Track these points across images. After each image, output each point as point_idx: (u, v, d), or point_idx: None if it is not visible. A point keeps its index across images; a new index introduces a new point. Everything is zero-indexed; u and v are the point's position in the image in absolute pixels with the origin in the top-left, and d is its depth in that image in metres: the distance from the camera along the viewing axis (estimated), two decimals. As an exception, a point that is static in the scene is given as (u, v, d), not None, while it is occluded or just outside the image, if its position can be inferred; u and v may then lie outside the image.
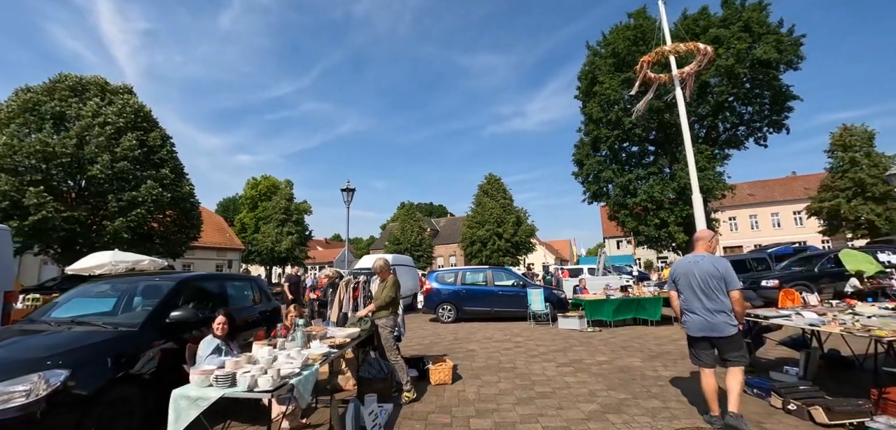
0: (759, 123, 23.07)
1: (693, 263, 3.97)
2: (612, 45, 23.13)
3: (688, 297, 3.93)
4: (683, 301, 4.01)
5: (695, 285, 3.86)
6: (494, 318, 12.00)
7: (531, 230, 38.48)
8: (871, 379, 5.05)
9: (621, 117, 22.54)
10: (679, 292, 4.07)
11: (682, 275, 4.02)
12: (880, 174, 26.48)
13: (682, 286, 4.01)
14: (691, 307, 3.89)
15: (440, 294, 12.25)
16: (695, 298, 3.86)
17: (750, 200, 46.56)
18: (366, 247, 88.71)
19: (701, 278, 3.84)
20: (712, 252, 4.09)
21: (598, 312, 10.32)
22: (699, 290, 3.84)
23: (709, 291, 3.79)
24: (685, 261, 4.10)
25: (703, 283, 3.82)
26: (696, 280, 3.86)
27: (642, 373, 5.88)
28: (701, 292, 3.83)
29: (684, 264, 4.06)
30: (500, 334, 9.78)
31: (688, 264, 4.01)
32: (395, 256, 17.43)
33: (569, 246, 72.61)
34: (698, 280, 3.85)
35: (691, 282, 3.89)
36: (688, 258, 4.10)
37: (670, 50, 10.62)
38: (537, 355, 7.33)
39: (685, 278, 3.97)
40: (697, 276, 3.86)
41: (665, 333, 9.22)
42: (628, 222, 24.12)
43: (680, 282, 4.04)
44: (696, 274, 3.87)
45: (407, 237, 45.79)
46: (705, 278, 3.82)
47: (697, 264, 3.93)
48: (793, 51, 20.50)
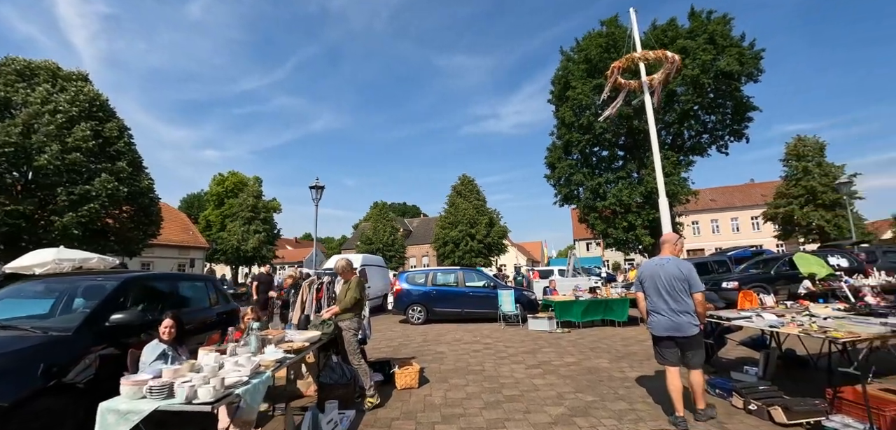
0: (721, 132, 24.01)
1: (659, 265, 4.06)
2: (585, 52, 23.57)
3: (654, 298, 4.03)
4: (649, 302, 4.10)
5: (661, 286, 3.96)
6: (465, 319, 11.91)
7: (503, 232, 38.75)
8: (824, 378, 5.23)
9: (593, 122, 22.96)
10: (645, 294, 4.16)
11: (648, 277, 4.11)
12: (830, 183, 28.15)
13: (648, 288, 4.11)
14: (657, 308, 4.00)
15: (410, 295, 12.06)
16: (660, 299, 3.96)
17: (711, 206, 48.57)
18: (337, 246, 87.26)
19: (667, 281, 3.94)
20: (677, 255, 4.18)
21: (568, 313, 10.40)
22: (665, 292, 3.94)
23: (674, 293, 3.89)
24: (651, 264, 4.17)
25: (669, 285, 3.92)
26: (662, 282, 3.95)
27: (610, 374, 5.90)
28: (666, 293, 3.93)
29: (651, 267, 4.14)
30: (470, 335, 9.68)
31: (654, 267, 4.09)
32: (365, 256, 17.10)
33: (540, 247, 73.84)
34: (664, 282, 3.94)
35: (657, 284, 3.99)
36: (654, 261, 4.18)
37: (640, 57, 10.83)
38: (506, 356, 7.26)
39: (651, 280, 4.06)
40: (663, 278, 3.95)
41: (631, 333, 9.36)
42: (598, 225, 24.61)
43: (646, 284, 4.13)
44: (661, 277, 3.97)
45: (379, 237, 45.26)
46: (671, 281, 3.93)
47: (663, 266, 4.02)
48: (753, 64, 21.43)
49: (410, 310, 11.94)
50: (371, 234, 46.63)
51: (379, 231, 46.06)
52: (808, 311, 4.94)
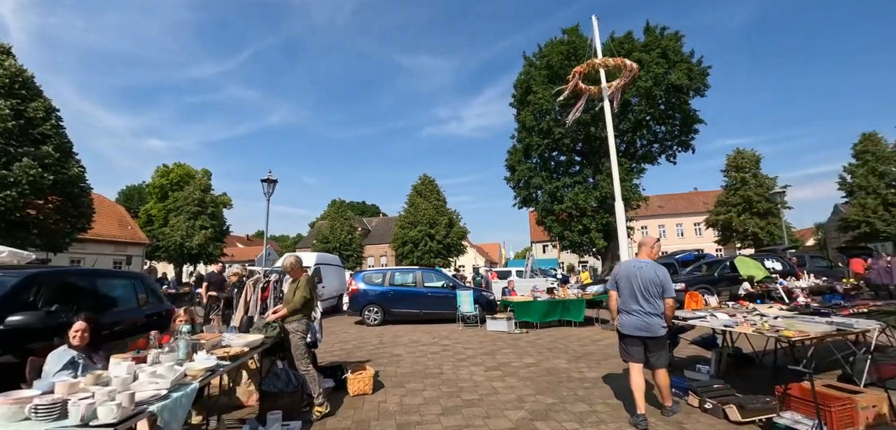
0: (670, 142, 25.20)
1: (636, 268, 4.12)
2: (547, 58, 23.98)
3: (627, 298, 4.10)
4: (622, 301, 4.16)
5: (636, 288, 4.03)
6: (423, 320, 11.64)
7: (463, 232, 38.84)
8: (770, 375, 5.43)
9: (552, 127, 23.43)
10: (619, 293, 4.21)
11: (624, 277, 4.17)
12: (764, 193, 30.41)
13: (622, 288, 4.16)
14: (629, 308, 4.07)
15: (367, 295, 11.64)
16: (633, 300, 4.04)
17: (659, 212, 51.20)
18: (292, 244, 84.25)
19: (643, 283, 4.02)
20: (654, 258, 4.28)
21: (526, 313, 10.38)
22: (639, 293, 4.02)
23: (648, 295, 3.99)
24: (629, 265, 4.24)
25: (644, 288, 4.01)
26: (638, 284, 4.03)
27: (569, 375, 5.85)
28: (640, 295, 4.01)
29: (627, 268, 4.21)
30: (428, 336, 9.43)
31: (631, 268, 4.16)
32: (320, 254, 16.43)
33: (498, 249, 74.85)
34: (640, 284, 4.02)
35: (633, 285, 4.05)
36: (631, 263, 4.24)
37: (601, 63, 11.04)
38: (465, 358, 7.07)
39: (627, 281, 4.12)
40: (640, 280, 4.03)
41: (587, 333, 9.48)
42: (554, 228, 25.13)
43: (621, 283, 4.18)
44: (638, 278, 4.04)
45: (336, 236, 44.05)
46: (647, 284, 4.01)
47: (641, 269, 4.08)
48: (700, 79, 22.67)
49: (366, 311, 11.52)
50: (328, 232, 45.29)
51: (336, 230, 44.83)
52: (759, 311, 5.10)
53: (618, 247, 25.84)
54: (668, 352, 4.27)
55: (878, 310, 5.02)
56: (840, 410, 3.69)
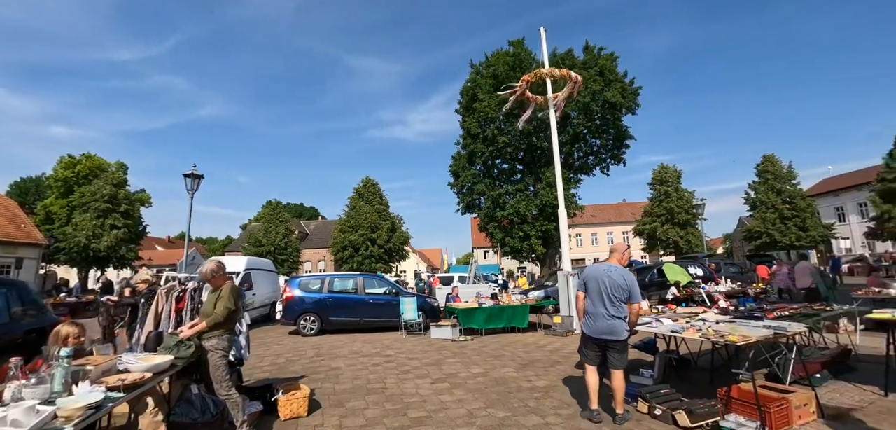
0: (604, 155, 26.62)
1: (605, 272, 4.18)
2: (493, 68, 24.38)
3: (594, 301, 4.15)
4: (589, 304, 4.21)
5: (603, 291, 4.08)
6: (364, 329, 11.07)
7: (405, 237, 38.27)
8: (707, 376, 5.65)
9: (496, 135, 23.82)
10: (586, 295, 4.26)
11: (593, 280, 4.21)
12: (685, 205, 33.21)
13: (590, 290, 4.21)
14: (596, 311, 4.13)
15: (303, 303, 10.83)
16: (600, 303, 4.09)
17: (592, 221, 54.14)
18: (221, 248, 78.45)
19: (610, 287, 4.07)
20: (624, 264, 4.35)
21: (471, 320, 10.21)
22: (606, 297, 4.07)
23: (614, 300, 4.05)
24: (598, 269, 4.28)
25: (612, 293, 4.06)
26: (606, 288, 4.08)
27: (518, 385, 5.68)
28: (607, 299, 4.07)
29: (596, 271, 4.25)
30: (370, 346, 8.91)
31: (600, 272, 4.21)
32: (251, 259, 15.19)
33: (440, 254, 75.00)
34: (608, 288, 4.07)
35: (600, 288, 4.11)
36: (601, 267, 4.29)
37: (548, 73, 11.26)
38: (410, 370, 6.69)
39: (595, 284, 4.17)
40: (607, 284, 4.08)
41: (532, 339, 9.48)
42: (496, 234, 25.54)
43: (590, 286, 4.22)
44: (606, 282, 4.10)
45: (270, 239, 41.49)
46: (614, 289, 4.07)
47: (610, 273, 4.14)
48: (632, 98, 24.21)
49: (302, 320, 10.70)
50: (261, 235, 42.54)
51: (270, 232, 42.23)
52: (701, 317, 5.26)
53: (556, 253, 26.88)
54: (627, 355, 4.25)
55: (801, 314, 5.38)
56: (778, 410, 3.82)
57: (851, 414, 4.20)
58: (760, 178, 35.66)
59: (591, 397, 4.17)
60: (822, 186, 48.94)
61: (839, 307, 6.15)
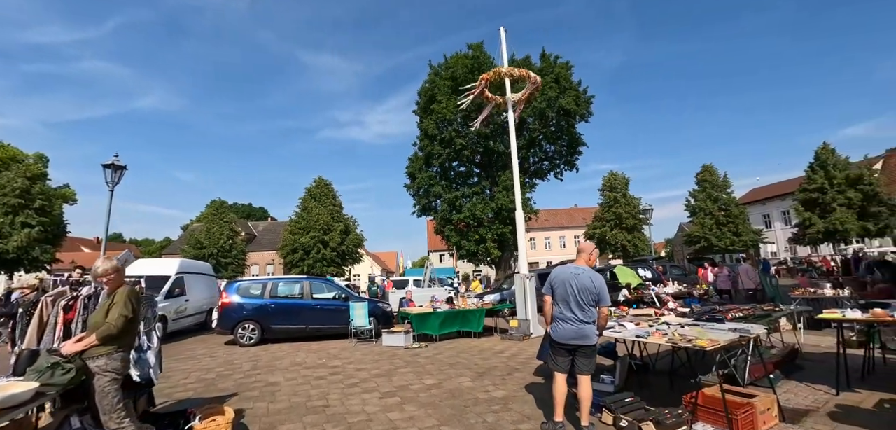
0: (558, 161, 27.12)
1: (573, 274, 3.94)
2: (452, 69, 24.15)
3: (562, 305, 3.92)
4: (557, 309, 3.97)
5: (571, 295, 3.85)
6: (311, 337, 10.27)
7: (359, 240, 37.09)
8: (666, 380, 5.51)
9: (454, 137, 23.59)
10: (554, 299, 4.01)
11: (560, 283, 3.96)
12: (632, 211, 34.65)
13: (558, 294, 3.97)
14: (564, 316, 3.89)
15: (241, 310, 9.85)
16: (568, 307, 3.87)
17: (545, 225, 55.41)
18: (158, 250, 72.83)
19: (579, 290, 3.84)
20: (592, 265, 4.12)
21: (425, 325, 9.71)
22: (574, 301, 3.84)
23: (583, 303, 3.82)
24: (566, 271, 4.02)
25: (580, 296, 3.83)
26: (574, 291, 3.84)
27: (474, 396, 5.26)
28: (575, 303, 3.83)
29: (564, 273, 3.99)
30: (315, 356, 8.18)
31: (568, 275, 3.96)
32: (184, 261, 13.83)
33: (396, 257, 73.96)
34: (576, 292, 3.84)
35: (568, 292, 3.87)
36: (569, 269, 4.03)
37: (507, 72, 11.04)
38: (357, 383, 6.09)
39: (563, 287, 3.92)
40: (576, 287, 3.85)
41: (488, 345, 9.14)
42: (452, 237, 25.29)
43: (557, 290, 3.97)
44: (574, 285, 3.86)
45: (213, 240, 38.84)
46: (583, 291, 3.83)
47: (578, 276, 3.91)
48: (586, 106, 24.82)
49: (240, 328, 9.72)
50: (203, 236, 39.74)
51: (213, 234, 39.54)
52: (665, 320, 5.11)
53: (512, 256, 26.99)
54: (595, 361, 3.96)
55: (755, 314, 5.39)
56: (744, 417, 3.66)
57: (810, 415, 4.15)
58: (700, 186, 37.99)
59: (557, 408, 3.84)
60: (752, 195, 53.12)
61: (786, 307, 6.28)
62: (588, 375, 3.85)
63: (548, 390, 5.30)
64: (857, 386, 4.89)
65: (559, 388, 3.89)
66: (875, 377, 5.23)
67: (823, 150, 31.33)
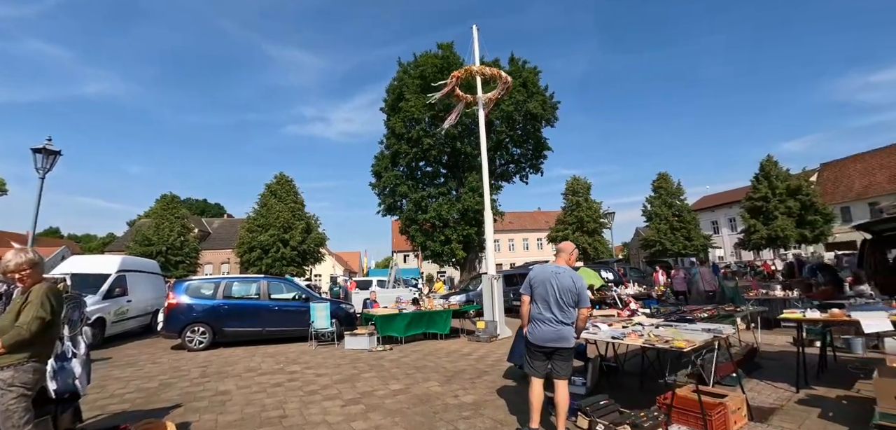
0: (524, 164, 27.43)
1: (554, 274, 3.79)
2: (422, 68, 23.89)
3: (541, 306, 3.75)
4: (535, 309, 3.79)
5: (552, 296, 3.70)
6: (268, 339, 9.69)
7: (321, 239, 36.00)
8: (635, 380, 5.50)
9: (421, 137, 23.32)
10: (533, 299, 3.83)
11: (540, 283, 3.79)
12: (593, 215, 35.65)
13: (537, 294, 3.79)
14: (543, 317, 3.72)
15: (191, 311, 9.12)
16: (548, 308, 3.71)
17: (510, 227, 56.14)
18: (101, 246, 67.85)
19: (559, 291, 3.70)
20: (571, 265, 4.00)
21: (390, 327, 9.38)
22: (554, 302, 3.69)
23: (563, 305, 3.69)
24: (546, 270, 3.86)
25: (561, 297, 3.69)
26: (555, 292, 3.70)
27: (444, 402, 5.02)
28: (555, 304, 3.69)
29: (544, 273, 3.83)
30: (272, 361, 7.67)
31: (548, 274, 3.80)
32: (127, 258, 12.74)
33: (359, 258, 72.62)
34: (556, 292, 3.69)
35: (549, 292, 3.72)
36: (549, 268, 3.88)
37: (478, 71, 10.91)
38: (318, 390, 5.70)
39: (543, 288, 3.76)
40: (556, 288, 3.70)
41: (455, 347, 8.93)
42: (418, 237, 25.03)
43: (537, 290, 3.80)
44: (555, 286, 3.71)
45: (162, 237, 36.50)
46: (563, 293, 3.69)
47: (558, 276, 3.77)
48: (552, 111, 25.24)
49: (189, 331, 9.00)
50: (151, 232, 37.26)
51: (163, 230, 37.15)
52: (638, 321, 5.07)
53: (477, 258, 27.00)
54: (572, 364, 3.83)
55: (720, 314, 5.48)
56: (718, 418, 3.64)
57: (776, 413, 4.22)
58: (656, 192, 39.69)
59: (534, 414, 3.66)
60: (702, 202, 56.19)
61: (746, 307, 6.47)
62: (566, 379, 3.71)
63: (519, 393, 5.17)
64: (814, 383, 5.06)
65: (535, 393, 3.72)
66: (829, 375, 5.45)
67: (767, 162, 33.57)
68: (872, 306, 4.97)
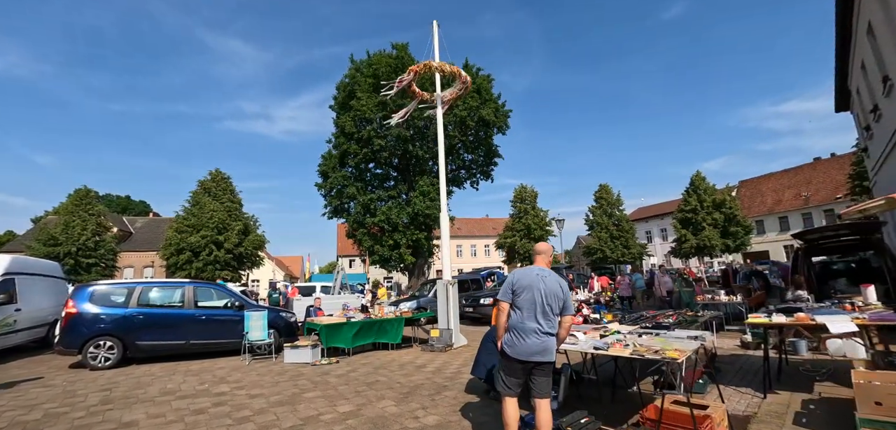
0: (475, 170, 27.41)
1: (539, 277, 3.36)
2: (375, 67, 23.13)
3: (525, 316, 3.28)
4: (518, 318, 3.30)
5: (538, 302, 3.26)
6: (193, 354, 8.48)
7: (260, 241, 33.62)
8: (606, 391, 5.20)
9: (372, 137, 22.53)
10: (515, 307, 3.34)
11: (525, 288, 3.32)
12: (540, 222, 36.45)
13: (522, 301, 3.30)
14: (526, 328, 3.25)
15: (95, 322, 7.70)
16: (534, 317, 3.26)
17: (458, 233, 56.17)
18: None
19: (546, 297, 3.27)
20: (549, 266, 3.61)
21: (336, 337, 8.53)
22: (540, 309, 3.26)
23: (549, 312, 3.29)
24: (530, 274, 3.40)
25: (548, 303, 3.27)
26: (541, 298, 3.26)
27: (402, 425, 4.38)
28: (541, 312, 3.26)
29: (528, 277, 3.37)
30: (195, 381, 6.59)
31: (533, 278, 3.35)
32: (18, 259, 10.74)
33: (301, 262, 69.25)
34: (543, 298, 3.26)
35: (536, 298, 3.27)
36: (533, 271, 3.43)
37: (438, 67, 10.39)
38: (250, 416, 4.83)
39: (530, 293, 3.29)
40: (543, 293, 3.28)
41: (408, 358, 8.29)
42: (365, 241, 24.15)
43: (522, 296, 3.31)
44: (542, 291, 3.28)
45: (72, 236, 32.23)
46: (551, 298, 3.28)
47: (544, 279, 3.35)
48: (504, 119, 25.42)
49: (92, 346, 7.60)
50: (58, 231, 32.76)
51: (74, 228, 32.80)
52: (618, 330, 4.76)
53: (426, 264, 26.43)
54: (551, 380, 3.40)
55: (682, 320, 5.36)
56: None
57: (752, 421, 4.07)
58: (597, 203, 41.47)
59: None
60: (637, 213, 59.83)
61: (710, 312, 6.48)
62: (548, 397, 3.30)
63: (486, 411, 4.68)
64: (777, 387, 5.04)
65: (510, 414, 3.29)
66: (786, 377, 5.50)
67: (697, 177, 36.24)
68: (828, 309, 5.05)
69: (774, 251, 42.05)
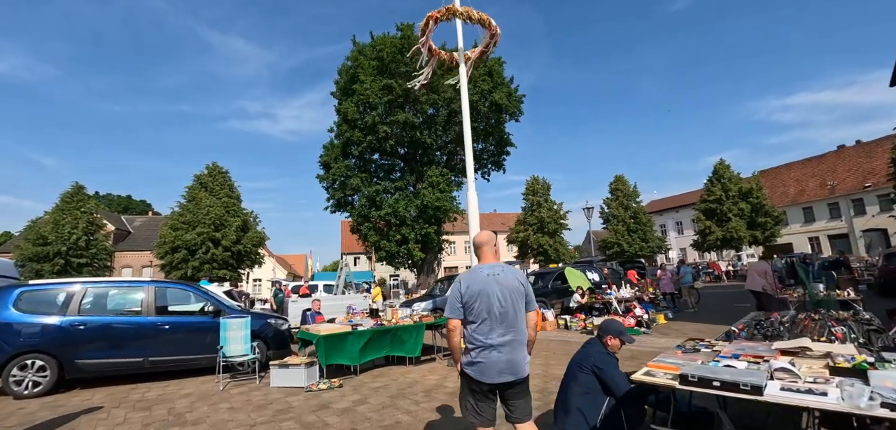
0: (487, 160, 25.54)
1: (492, 277, 2.57)
2: (379, 49, 21.33)
3: (484, 327, 2.51)
4: (476, 332, 2.51)
5: (497, 308, 2.51)
6: (153, 374, 6.65)
7: (261, 238, 31.90)
8: None
9: (377, 124, 20.69)
10: (470, 320, 2.55)
11: (478, 294, 2.52)
12: (554, 215, 34.50)
13: (478, 310, 2.52)
14: (489, 341, 2.48)
15: (19, 335, 5.88)
16: (494, 327, 2.51)
17: (464, 228, 54.38)
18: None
19: (502, 299, 2.52)
20: (498, 259, 2.81)
21: (339, 352, 6.64)
22: (499, 317, 2.51)
23: (511, 316, 2.53)
24: (479, 274, 2.60)
25: (507, 306, 2.52)
26: (498, 301, 2.51)
27: None
28: (500, 320, 2.51)
29: (479, 279, 2.57)
30: (145, 416, 4.78)
31: (484, 280, 2.55)
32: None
33: (304, 261, 67.57)
34: (500, 300, 2.51)
35: (492, 305, 2.51)
36: (481, 270, 2.62)
37: (464, 12, 8.40)
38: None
39: (484, 300, 2.51)
40: (500, 294, 2.52)
41: (433, 378, 6.42)
42: (371, 236, 22.37)
43: (477, 305, 2.52)
44: (498, 293, 2.53)
45: (62, 235, 30.57)
46: (508, 300, 2.53)
47: (498, 278, 2.57)
48: (517, 104, 23.58)
49: (16, 367, 5.77)
50: (49, 230, 31.10)
51: (64, 227, 31.13)
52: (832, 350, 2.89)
53: (436, 259, 24.51)
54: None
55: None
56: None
57: None
58: (613, 195, 39.44)
59: None
60: (650, 206, 57.61)
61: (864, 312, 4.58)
62: (529, 420, 2.61)
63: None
64: None
65: None
66: None
67: (720, 165, 34.11)
68: None
69: (798, 243, 39.90)
